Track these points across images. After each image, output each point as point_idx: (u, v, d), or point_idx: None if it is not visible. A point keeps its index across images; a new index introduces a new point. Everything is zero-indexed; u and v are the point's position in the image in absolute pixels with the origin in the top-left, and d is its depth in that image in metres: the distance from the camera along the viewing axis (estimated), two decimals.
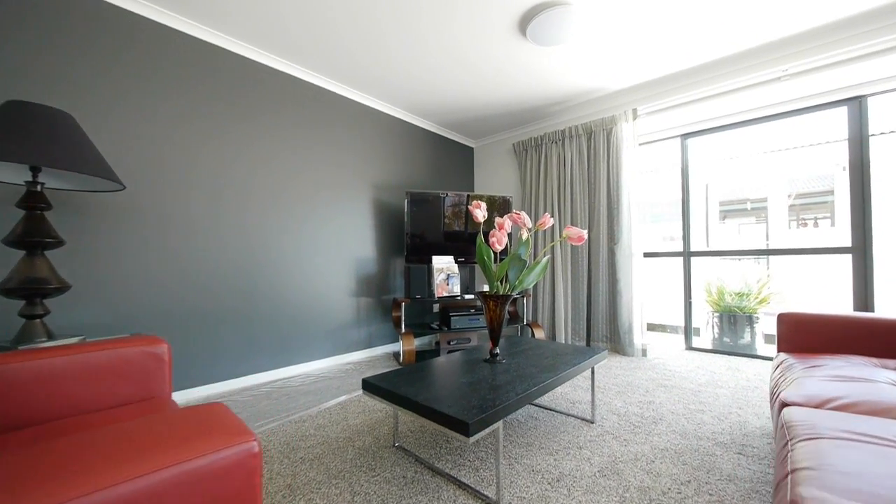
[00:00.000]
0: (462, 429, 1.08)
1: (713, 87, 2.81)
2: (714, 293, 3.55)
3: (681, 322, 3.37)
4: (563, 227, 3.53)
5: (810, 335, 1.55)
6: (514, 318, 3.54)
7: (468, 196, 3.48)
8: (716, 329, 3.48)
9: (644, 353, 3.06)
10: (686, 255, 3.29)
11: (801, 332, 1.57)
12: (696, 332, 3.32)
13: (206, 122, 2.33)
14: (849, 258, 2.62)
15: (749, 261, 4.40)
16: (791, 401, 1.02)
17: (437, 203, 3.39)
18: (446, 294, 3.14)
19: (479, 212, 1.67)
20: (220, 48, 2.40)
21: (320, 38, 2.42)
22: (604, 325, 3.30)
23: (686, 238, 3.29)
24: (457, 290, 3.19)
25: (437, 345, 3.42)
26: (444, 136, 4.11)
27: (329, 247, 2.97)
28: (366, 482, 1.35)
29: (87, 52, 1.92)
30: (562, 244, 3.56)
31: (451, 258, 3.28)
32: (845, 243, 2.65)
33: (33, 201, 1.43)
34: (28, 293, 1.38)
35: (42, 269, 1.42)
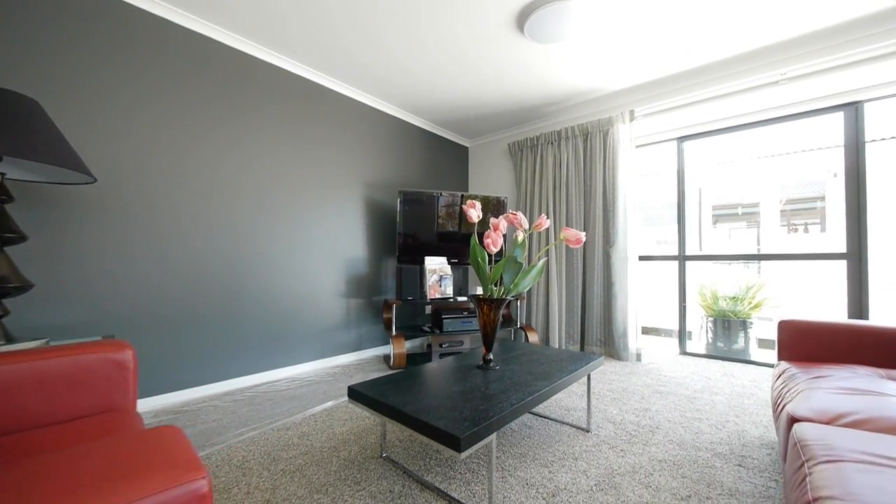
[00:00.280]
0: (453, 443, 1.01)
1: (711, 89, 2.78)
2: (709, 298, 3.53)
3: (674, 325, 3.34)
4: (558, 229, 3.48)
5: (812, 343, 1.51)
6: (508, 320, 3.48)
7: (462, 196, 3.42)
8: (710, 334, 3.46)
9: (638, 357, 3.02)
10: (681, 258, 3.26)
11: (802, 341, 1.53)
12: (689, 335, 3.29)
13: (196, 118, 2.25)
14: (841, 264, 2.61)
15: (739, 265, 4.41)
16: (801, 415, 0.96)
17: (431, 202, 3.32)
18: (439, 296, 3.07)
19: (474, 211, 1.60)
20: (212, 40, 2.30)
21: (316, 31, 2.33)
22: (598, 329, 3.26)
23: (681, 242, 3.26)
24: (449, 291, 3.12)
25: (429, 347, 3.34)
26: (438, 135, 4.03)
27: (318, 246, 2.88)
28: (350, 497, 1.27)
29: (79, 44, 1.87)
30: (556, 246, 3.51)
31: (443, 259, 3.20)
32: (837, 249, 2.64)
33: None
34: None
35: (1, 267, 1.31)
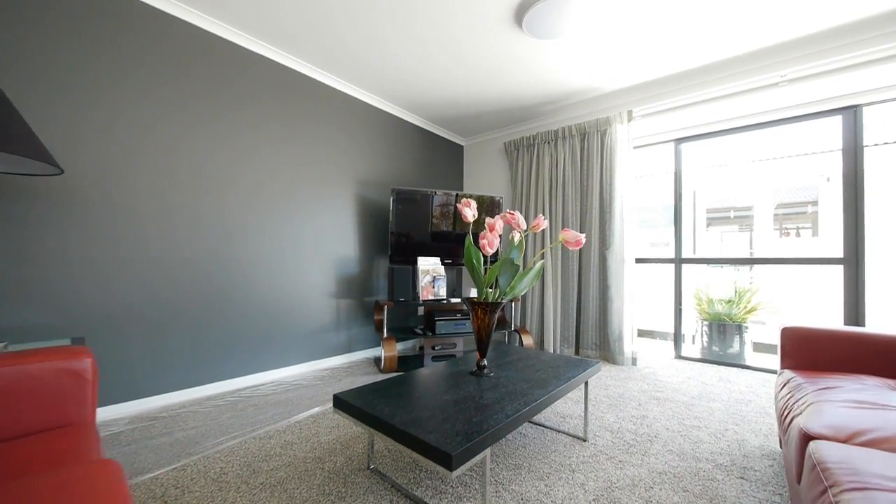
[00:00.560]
0: (444, 460, 0.93)
1: (711, 90, 2.74)
2: (704, 301, 3.50)
3: (668, 328, 3.30)
4: (554, 230, 3.42)
5: (816, 351, 1.46)
6: (502, 323, 3.41)
7: (457, 195, 3.34)
8: (705, 338, 3.43)
9: (634, 361, 2.97)
10: (677, 261, 3.22)
11: (806, 348, 1.48)
12: (684, 339, 3.26)
13: (185, 115, 2.18)
14: (835, 269, 2.58)
15: (730, 269, 4.39)
16: (815, 432, 0.90)
17: (425, 201, 3.24)
18: (432, 297, 2.99)
19: (469, 210, 1.53)
20: (201, 30, 2.21)
21: (311, 22, 2.24)
22: (594, 333, 3.21)
23: (678, 245, 3.23)
24: (443, 293, 3.04)
25: (422, 350, 3.27)
26: (433, 133, 3.95)
27: (307, 245, 2.78)
28: None
29: (72, 38, 1.83)
30: (552, 248, 3.45)
31: (437, 259, 3.13)
32: (829, 253, 2.61)
33: None
34: None
35: None
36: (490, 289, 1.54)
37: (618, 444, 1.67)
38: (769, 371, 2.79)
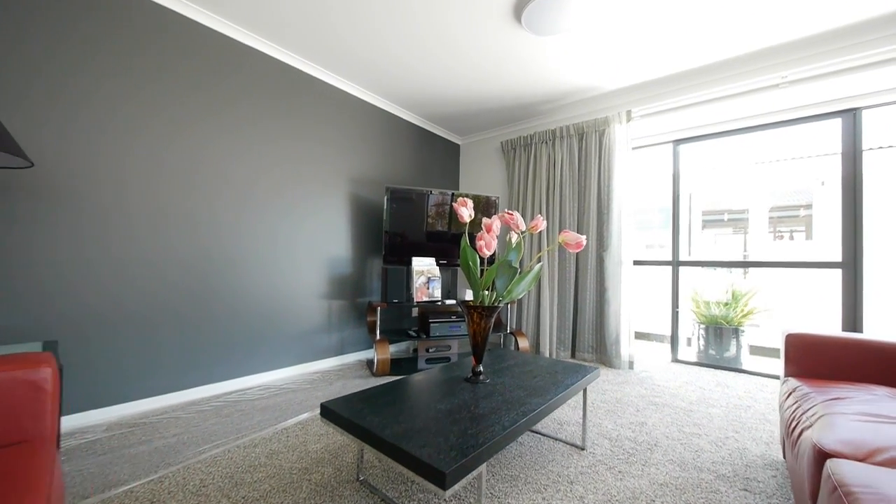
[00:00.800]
0: (437, 478, 0.87)
1: (712, 90, 2.70)
2: (701, 304, 3.47)
3: (664, 330, 3.27)
4: (551, 231, 3.37)
5: (822, 359, 1.42)
6: (498, 325, 3.35)
7: (452, 194, 3.28)
8: (701, 341, 3.40)
9: (631, 365, 2.93)
10: (675, 264, 3.19)
11: (811, 356, 1.44)
12: (683, 341, 3.23)
13: (174, 113, 2.11)
14: (831, 273, 2.56)
15: (723, 271, 4.36)
16: (831, 449, 0.85)
17: (420, 200, 3.17)
18: (426, 299, 2.92)
19: (465, 210, 1.46)
20: (190, 19, 2.12)
21: (307, 14, 2.17)
22: (590, 335, 3.16)
23: (675, 247, 3.19)
24: (437, 294, 2.97)
25: (415, 352, 3.20)
26: (429, 131, 3.88)
27: (298, 244, 2.70)
28: None
29: (69, 33, 1.78)
30: (548, 251, 3.40)
31: (432, 260, 3.06)
32: (824, 257, 2.59)
33: None
34: None
35: None
36: (486, 291, 1.48)
37: (617, 452, 1.61)
38: (766, 376, 2.77)
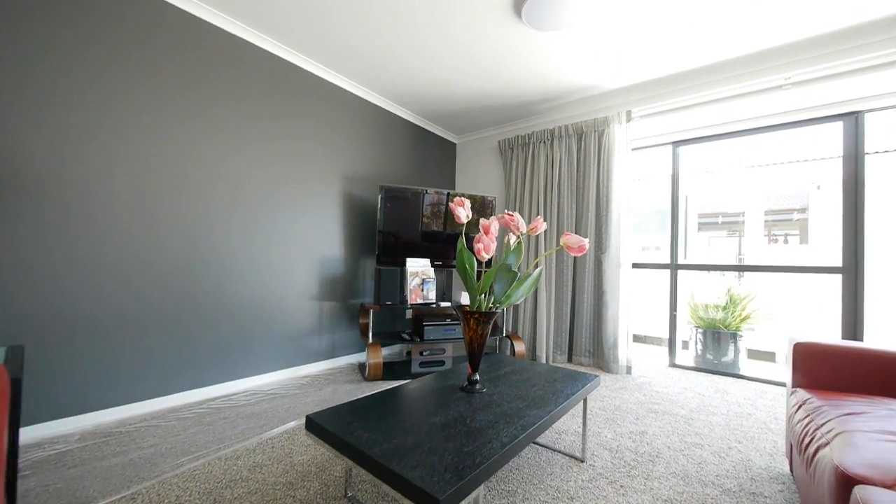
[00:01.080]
0: None
1: (714, 91, 2.65)
2: (700, 308, 3.43)
3: (661, 334, 3.23)
4: (549, 233, 3.31)
5: (832, 370, 1.36)
6: (494, 328, 3.28)
7: (448, 194, 3.20)
8: (699, 345, 3.36)
9: (629, 370, 2.88)
10: (673, 267, 3.14)
11: (820, 366, 1.38)
12: (680, 345, 3.18)
13: (166, 112, 2.01)
14: (829, 277, 2.53)
15: (717, 275, 4.33)
16: (855, 473, 0.79)
17: (415, 200, 3.09)
18: (420, 301, 2.84)
19: (463, 210, 1.39)
20: (180, 10, 2.02)
21: (303, 6, 2.08)
22: (587, 339, 3.10)
23: (674, 250, 3.15)
24: (432, 296, 2.90)
25: (409, 356, 3.12)
26: (424, 129, 3.80)
27: (289, 243, 2.60)
28: None
29: (67, 29, 1.72)
30: (546, 255, 3.33)
31: (427, 261, 2.98)
32: (820, 261, 2.57)
33: None
34: None
35: None
36: (483, 296, 1.40)
37: (618, 465, 1.55)
38: (765, 381, 2.73)
